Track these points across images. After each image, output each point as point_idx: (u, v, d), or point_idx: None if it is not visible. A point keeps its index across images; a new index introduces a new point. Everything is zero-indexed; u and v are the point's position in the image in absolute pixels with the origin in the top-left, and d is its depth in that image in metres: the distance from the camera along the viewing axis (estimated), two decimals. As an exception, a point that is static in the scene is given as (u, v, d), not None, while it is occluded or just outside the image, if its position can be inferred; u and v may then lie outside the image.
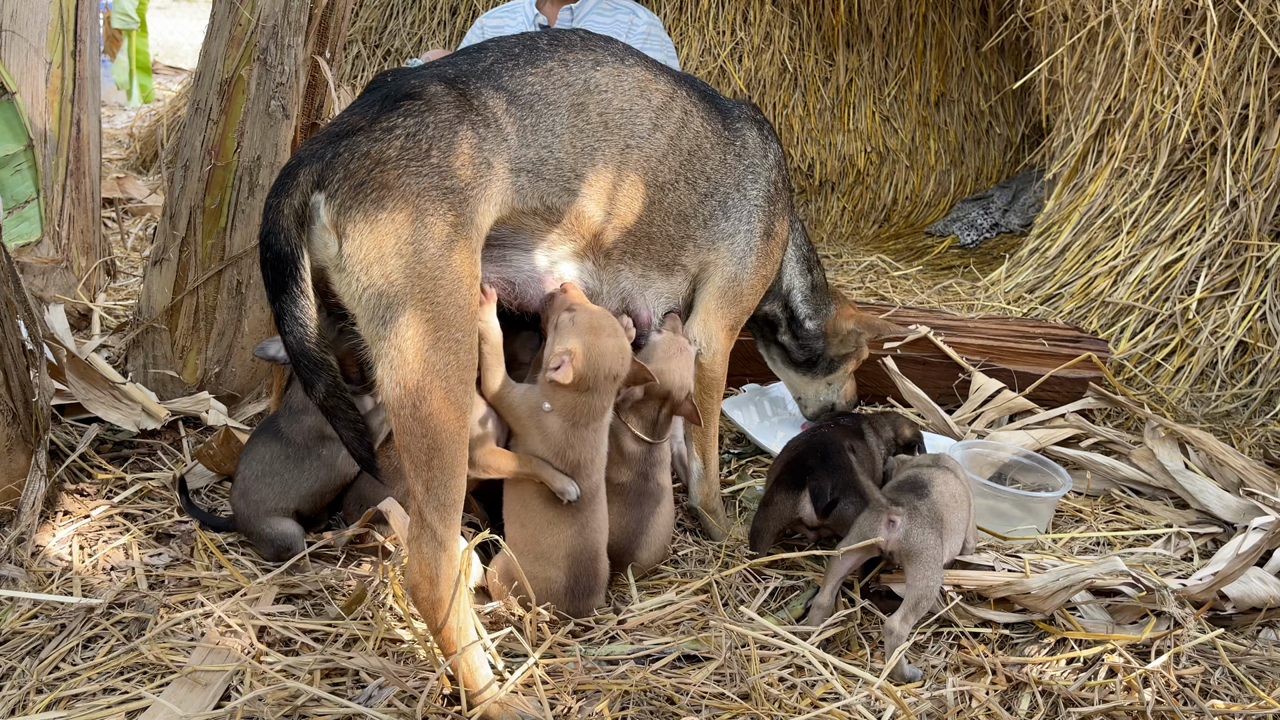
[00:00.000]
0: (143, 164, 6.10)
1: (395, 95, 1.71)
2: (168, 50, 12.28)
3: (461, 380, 1.65)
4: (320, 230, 1.64)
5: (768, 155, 2.29)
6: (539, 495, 1.91)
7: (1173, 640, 1.90)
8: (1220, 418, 3.09)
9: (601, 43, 2.03)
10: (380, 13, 5.59)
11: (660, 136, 2.05)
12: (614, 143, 1.97)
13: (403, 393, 1.60)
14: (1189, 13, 3.62)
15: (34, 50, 3.05)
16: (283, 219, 1.63)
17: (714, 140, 2.17)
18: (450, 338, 1.63)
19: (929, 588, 1.86)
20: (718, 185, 2.19)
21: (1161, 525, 2.45)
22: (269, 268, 1.65)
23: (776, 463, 2.27)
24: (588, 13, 4.05)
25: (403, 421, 1.60)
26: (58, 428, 2.37)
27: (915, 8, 5.75)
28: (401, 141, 1.65)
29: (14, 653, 1.73)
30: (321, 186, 1.63)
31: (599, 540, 1.94)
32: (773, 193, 2.29)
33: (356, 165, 1.62)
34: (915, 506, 1.93)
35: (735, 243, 2.23)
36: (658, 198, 2.07)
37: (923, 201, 5.94)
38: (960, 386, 3.03)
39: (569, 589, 1.90)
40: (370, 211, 1.61)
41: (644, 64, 2.07)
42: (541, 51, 1.93)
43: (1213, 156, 3.57)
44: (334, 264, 1.64)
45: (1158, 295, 3.48)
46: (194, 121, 2.43)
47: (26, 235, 3.09)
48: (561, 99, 1.90)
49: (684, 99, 2.12)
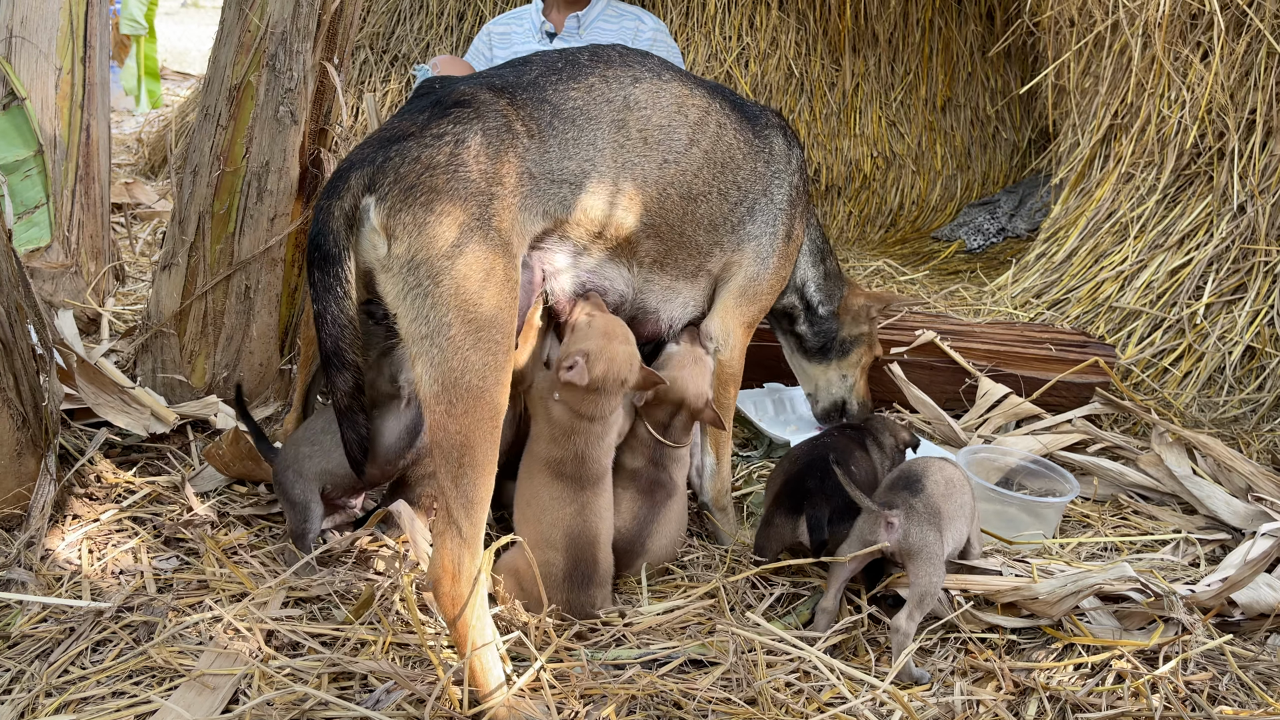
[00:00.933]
0: (151, 169, 6.13)
1: (445, 103, 1.77)
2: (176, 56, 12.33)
3: (498, 381, 1.70)
4: (370, 232, 1.70)
5: (791, 161, 2.36)
6: (544, 472, 1.97)
7: (1181, 646, 1.90)
8: (1228, 423, 3.09)
9: (638, 58, 2.11)
10: (387, 18, 5.61)
11: (696, 151, 2.12)
12: (653, 158, 2.04)
13: (440, 389, 1.65)
14: (1196, 18, 3.62)
15: (44, 56, 3.07)
16: (333, 220, 1.69)
17: (745, 150, 2.24)
18: (489, 339, 1.68)
19: (932, 584, 1.86)
20: (747, 193, 2.25)
21: (1169, 531, 2.44)
22: (316, 268, 1.71)
23: (776, 474, 2.26)
24: (594, 20, 4.06)
25: (437, 418, 1.66)
26: (67, 432, 2.38)
27: (921, 13, 5.76)
28: (451, 148, 1.71)
29: (23, 656, 1.74)
30: (372, 189, 1.69)
31: (600, 527, 1.97)
32: (795, 196, 2.36)
33: (407, 169, 1.68)
34: (911, 504, 1.92)
35: (760, 245, 2.29)
36: (691, 210, 2.14)
37: (929, 206, 5.93)
38: (967, 391, 3.03)
39: (568, 574, 1.92)
40: (420, 214, 1.67)
41: (679, 78, 2.14)
42: (583, 66, 2.00)
43: (1220, 161, 3.56)
44: (381, 265, 1.70)
45: (1165, 300, 3.48)
46: (203, 127, 2.44)
47: (36, 240, 3.10)
48: (603, 115, 1.97)
49: (718, 113, 2.19)
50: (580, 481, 1.96)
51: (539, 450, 2.00)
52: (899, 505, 1.92)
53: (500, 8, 5.41)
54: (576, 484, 1.96)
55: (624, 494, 2.10)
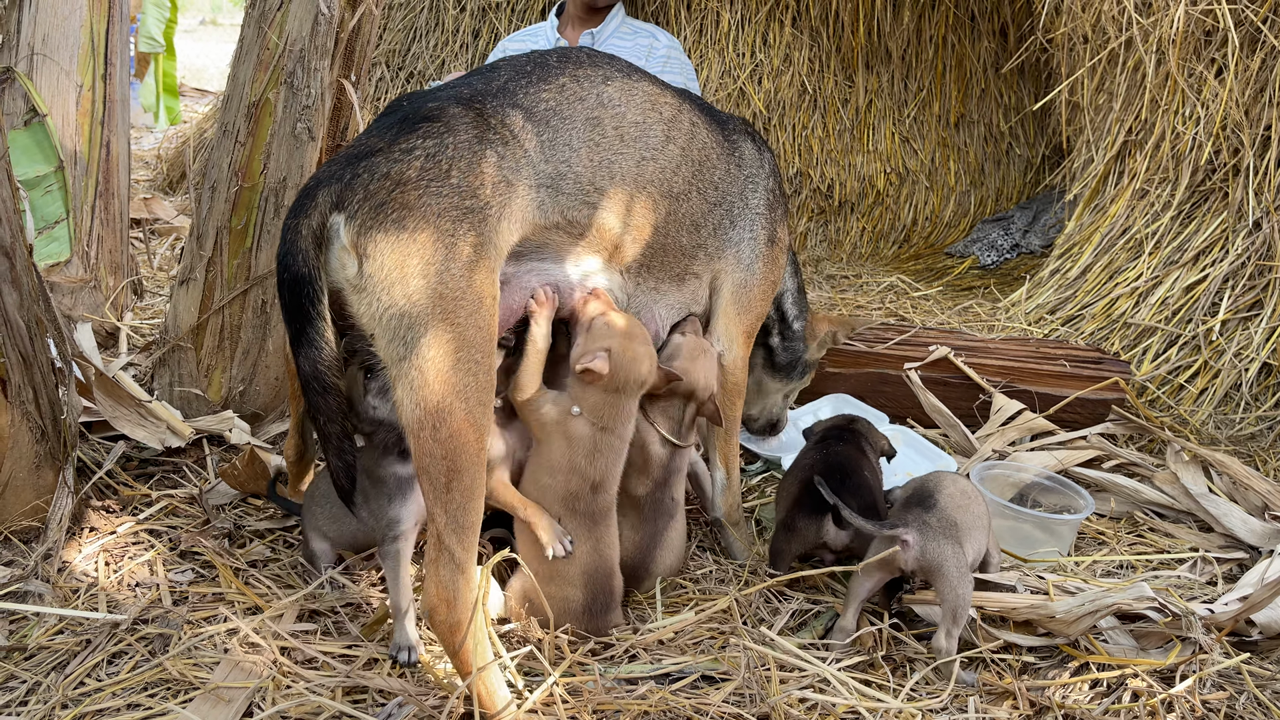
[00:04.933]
0: (169, 185, 6.18)
1: (413, 117, 1.72)
2: (194, 73, 12.46)
3: (481, 402, 1.64)
4: (339, 251, 1.63)
5: (763, 165, 2.35)
6: (555, 508, 1.93)
7: (1197, 665, 1.88)
8: (1244, 440, 3.07)
9: (606, 59, 2.07)
10: (403, 36, 5.65)
11: (673, 148, 2.08)
12: (630, 155, 1.99)
13: (423, 414, 1.59)
14: (1210, 34, 3.62)
15: (65, 73, 3.11)
16: (300, 239, 1.62)
17: (719, 151, 2.23)
18: (471, 358, 1.63)
19: (960, 598, 1.84)
20: (725, 194, 2.24)
21: (1186, 549, 2.43)
22: (286, 288, 1.64)
23: (789, 483, 2.24)
24: (609, 36, 4.09)
25: (422, 443, 1.59)
26: (85, 445, 2.40)
27: (935, 29, 5.77)
28: (421, 162, 1.66)
29: (40, 667, 1.75)
30: (341, 207, 1.63)
31: (613, 557, 1.96)
32: (772, 200, 2.35)
33: (377, 186, 1.63)
34: (925, 520, 1.91)
35: (741, 250, 2.28)
36: (673, 208, 2.10)
37: (942, 222, 5.93)
38: (981, 408, 3.02)
39: (587, 607, 1.91)
40: (392, 231, 1.61)
41: (648, 78, 2.12)
42: (552, 68, 1.95)
43: (1235, 178, 3.55)
44: (352, 285, 1.64)
45: (1180, 317, 3.46)
46: (222, 143, 2.46)
47: (56, 255, 3.14)
48: (576, 114, 1.91)
49: (689, 111, 2.17)
50: (594, 517, 1.92)
51: (552, 484, 1.93)
52: (912, 523, 1.91)
53: (515, 25, 5.45)
54: (590, 520, 1.92)
55: (627, 520, 2.08)
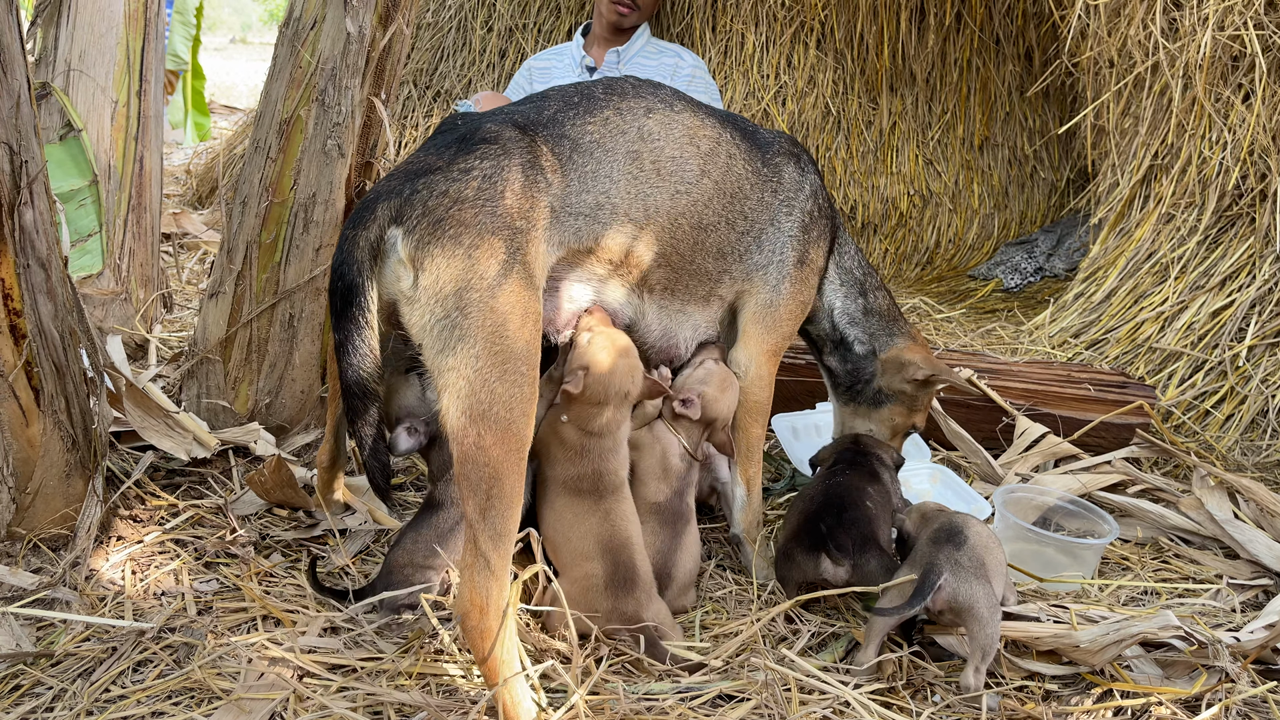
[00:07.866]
0: (199, 200, 6.26)
1: (471, 138, 1.81)
2: (223, 90, 12.64)
3: (524, 413, 1.71)
4: (396, 263, 1.72)
5: (803, 188, 2.35)
6: (563, 494, 2.02)
7: (1223, 693, 1.86)
8: (1271, 467, 3.03)
9: (650, 89, 2.14)
10: (431, 55, 5.72)
11: (707, 181, 2.15)
12: (665, 189, 2.07)
13: (467, 422, 1.65)
14: (1237, 59, 3.61)
15: (101, 90, 3.17)
16: (357, 250, 1.71)
17: (754, 180, 2.26)
18: (516, 370, 1.69)
19: (990, 637, 1.83)
20: (754, 223, 2.27)
21: (1211, 575, 2.40)
22: (337, 296, 1.73)
23: (792, 513, 2.25)
24: (634, 55, 4.12)
25: (465, 450, 1.65)
26: (114, 454, 2.43)
27: (959, 52, 5.78)
28: (478, 183, 1.74)
29: (66, 674, 1.77)
30: (400, 221, 1.71)
31: (630, 530, 2.01)
32: (808, 222, 2.34)
33: (435, 202, 1.71)
34: (956, 560, 1.88)
35: (768, 273, 2.30)
36: (701, 239, 2.16)
37: (966, 245, 5.92)
38: (1004, 431, 3.00)
39: (609, 581, 1.94)
40: (448, 247, 1.69)
41: (691, 108, 2.18)
42: (598, 100, 2.04)
43: (1262, 203, 3.53)
44: (405, 296, 1.72)
45: (1206, 342, 3.44)
46: (253, 159, 2.50)
47: (89, 268, 3.19)
48: (618, 147, 2.01)
49: (728, 143, 2.21)
50: (599, 493, 2.02)
51: (555, 474, 2.05)
52: (944, 562, 1.88)
53: (541, 45, 5.50)
54: (596, 495, 2.01)
55: (646, 525, 2.13)
